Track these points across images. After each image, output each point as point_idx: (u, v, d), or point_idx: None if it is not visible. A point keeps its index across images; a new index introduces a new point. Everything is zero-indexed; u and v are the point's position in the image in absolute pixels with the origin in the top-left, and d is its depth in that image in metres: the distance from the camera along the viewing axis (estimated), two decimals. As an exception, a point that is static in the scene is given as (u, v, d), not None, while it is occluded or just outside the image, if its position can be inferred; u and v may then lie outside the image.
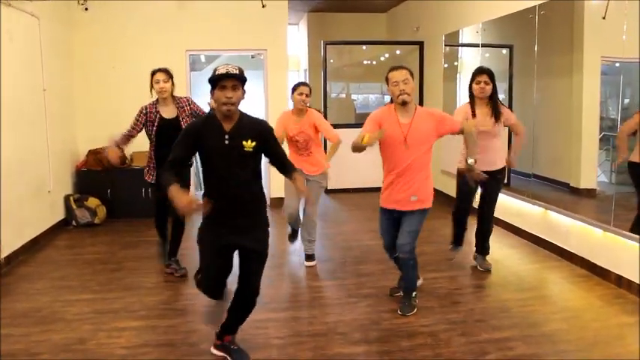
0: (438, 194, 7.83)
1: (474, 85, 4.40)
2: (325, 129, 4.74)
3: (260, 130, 2.97)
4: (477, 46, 6.68)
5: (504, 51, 6.74)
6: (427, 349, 3.30)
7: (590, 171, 5.01)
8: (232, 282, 3.16)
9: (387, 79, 3.63)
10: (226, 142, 2.89)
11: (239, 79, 2.82)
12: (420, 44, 8.40)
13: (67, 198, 6.43)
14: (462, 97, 7.30)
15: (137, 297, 4.21)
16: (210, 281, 3.14)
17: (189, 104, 4.68)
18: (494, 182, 4.49)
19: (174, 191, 2.71)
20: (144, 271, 4.82)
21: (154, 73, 4.58)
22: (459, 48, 7.43)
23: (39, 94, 5.86)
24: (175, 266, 4.71)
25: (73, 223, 6.40)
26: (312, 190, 4.74)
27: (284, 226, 5.85)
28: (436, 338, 3.43)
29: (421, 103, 8.32)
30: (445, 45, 7.55)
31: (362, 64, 10.11)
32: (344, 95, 10.34)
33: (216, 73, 2.81)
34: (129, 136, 4.60)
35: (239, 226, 2.98)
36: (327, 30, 10.07)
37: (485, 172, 4.14)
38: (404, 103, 3.56)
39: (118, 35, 7.01)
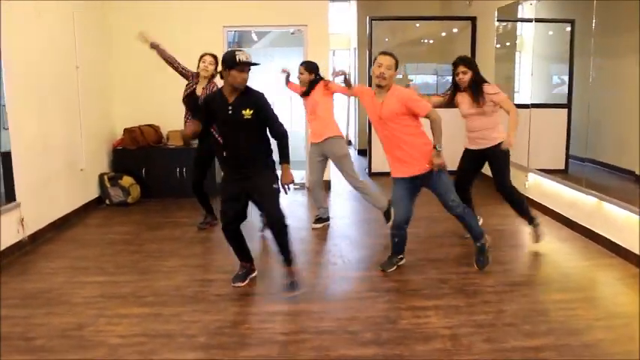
0: (487, 179, 7.27)
1: (456, 77, 4.53)
2: (335, 88, 5.18)
3: (256, 100, 3.59)
4: (530, 21, 6.09)
5: (568, 28, 6.14)
6: (443, 355, 2.92)
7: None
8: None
9: (374, 60, 3.92)
10: (229, 112, 3.57)
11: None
12: (473, 20, 7.82)
13: (101, 176, 6.39)
14: (522, 78, 6.74)
15: (149, 281, 4.04)
16: (226, 219, 3.76)
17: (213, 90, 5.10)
18: (495, 156, 4.55)
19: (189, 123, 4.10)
20: (163, 254, 4.67)
21: (202, 55, 5.16)
22: (519, 24, 6.83)
23: (72, 71, 5.79)
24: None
25: (107, 201, 6.36)
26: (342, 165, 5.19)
27: (309, 211, 5.60)
28: (456, 343, 3.05)
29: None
30: (498, 20, 6.96)
31: (416, 42, 9.58)
32: (400, 76, 9.86)
33: (238, 59, 3.44)
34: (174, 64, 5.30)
35: (243, 176, 3.67)
36: (378, 7, 9.54)
37: (482, 149, 4.56)
38: (379, 86, 3.88)
39: (154, 11, 6.86)
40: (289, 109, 9.32)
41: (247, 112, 3.52)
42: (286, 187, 3.71)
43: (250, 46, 10.75)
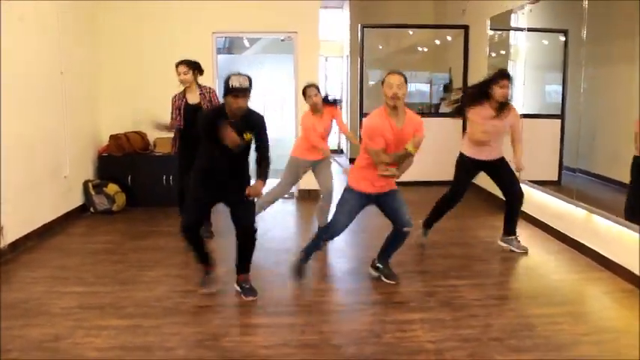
0: (478, 191, 7.23)
1: (498, 89, 4.46)
2: (340, 120, 5.26)
3: (256, 122, 3.67)
4: (522, 30, 6.06)
5: (562, 38, 6.11)
6: (427, 371, 2.87)
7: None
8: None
9: (383, 81, 3.77)
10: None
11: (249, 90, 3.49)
12: (465, 28, 7.80)
13: (85, 183, 6.28)
14: (516, 89, 6.68)
15: (129, 292, 3.95)
16: (190, 221, 3.76)
17: (209, 93, 5.15)
18: (504, 165, 4.78)
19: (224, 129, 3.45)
20: (146, 264, 4.57)
21: (177, 65, 5.01)
22: (512, 33, 6.80)
23: (56, 74, 5.70)
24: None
25: (91, 209, 6.26)
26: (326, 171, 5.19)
27: (297, 220, 5.53)
28: (440, 358, 2.98)
29: (465, 92, 7.74)
30: (491, 29, 6.94)
31: (409, 50, 9.54)
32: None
33: (231, 85, 3.41)
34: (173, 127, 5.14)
35: (220, 188, 3.71)
36: (370, 14, 9.51)
37: (488, 160, 4.72)
38: (394, 107, 3.71)
39: (142, 17, 6.78)
40: (280, 115, 9.24)
41: (247, 136, 3.60)
42: (251, 198, 3.74)
43: (241, 53, 10.70)
